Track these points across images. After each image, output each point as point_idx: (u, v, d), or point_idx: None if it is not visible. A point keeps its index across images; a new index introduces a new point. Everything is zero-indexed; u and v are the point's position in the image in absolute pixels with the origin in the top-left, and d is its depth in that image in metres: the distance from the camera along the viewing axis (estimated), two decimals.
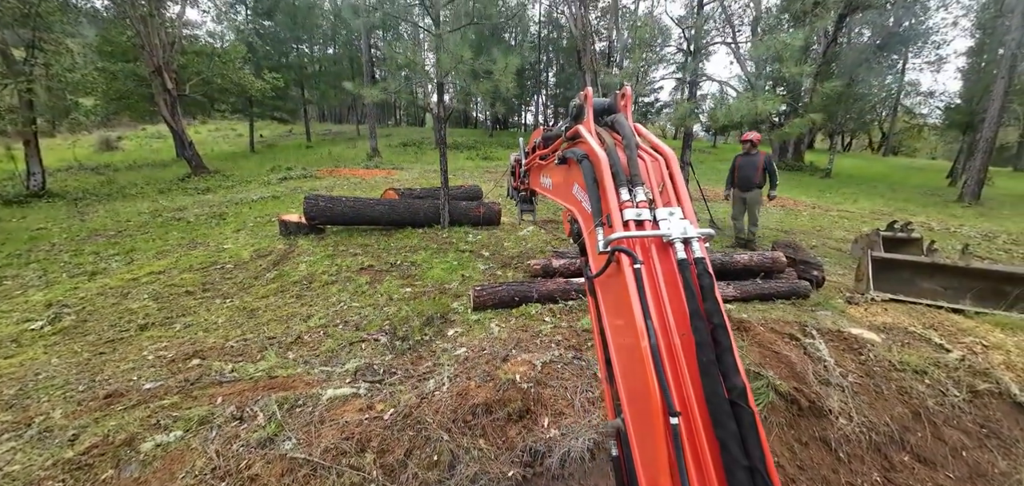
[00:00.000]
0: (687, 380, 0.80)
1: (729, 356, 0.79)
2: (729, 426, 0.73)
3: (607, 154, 1.03)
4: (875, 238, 5.69)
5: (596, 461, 2.16)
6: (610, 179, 0.99)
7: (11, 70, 8.72)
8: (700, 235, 0.89)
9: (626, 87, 1.20)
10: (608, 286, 0.99)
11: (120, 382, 2.74)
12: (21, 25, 8.45)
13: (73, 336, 3.58)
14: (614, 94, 1.22)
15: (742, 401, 0.75)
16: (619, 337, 0.95)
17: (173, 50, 13.43)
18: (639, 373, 0.81)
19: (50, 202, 9.56)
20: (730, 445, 0.72)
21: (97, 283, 4.85)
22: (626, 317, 0.87)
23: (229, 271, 5.28)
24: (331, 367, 2.83)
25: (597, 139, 1.11)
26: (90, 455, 2.05)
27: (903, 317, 3.71)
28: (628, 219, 0.93)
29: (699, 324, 0.81)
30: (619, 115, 1.18)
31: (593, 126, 1.18)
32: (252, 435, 2.11)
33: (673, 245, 0.89)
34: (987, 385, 2.77)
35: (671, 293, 0.87)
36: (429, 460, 1.99)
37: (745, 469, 0.70)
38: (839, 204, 11.21)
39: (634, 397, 0.87)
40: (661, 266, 0.90)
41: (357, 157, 19.30)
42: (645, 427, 0.81)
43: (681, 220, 0.92)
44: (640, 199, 0.95)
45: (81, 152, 19.76)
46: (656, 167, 1.03)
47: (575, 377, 2.56)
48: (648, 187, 0.97)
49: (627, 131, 1.09)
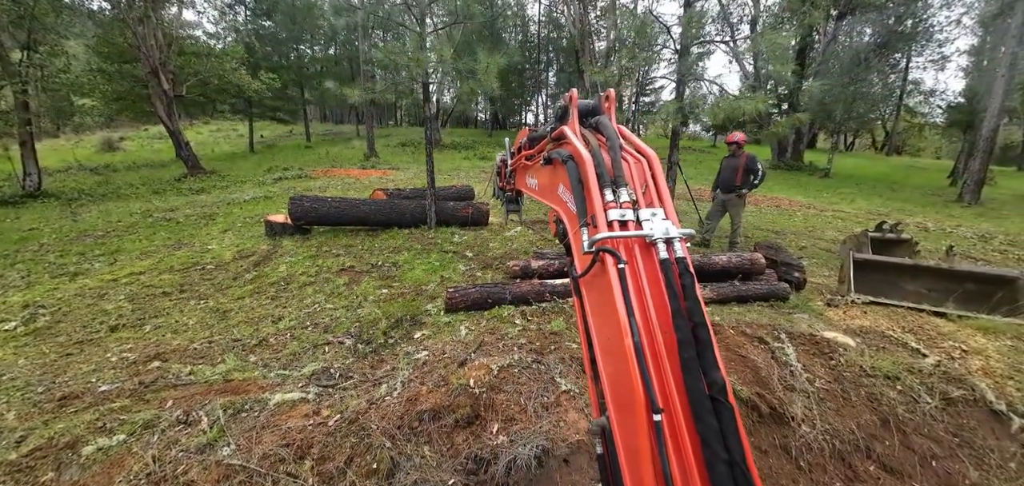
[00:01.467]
0: (669, 377, 0.82)
1: (709, 353, 0.81)
2: (709, 422, 0.76)
3: (592, 155, 1.04)
4: (863, 239, 5.58)
5: (544, 468, 2.12)
6: (595, 180, 1.00)
7: (6, 72, 8.80)
8: (682, 235, 0.92)
9: (610, 90, 1.22)
10: (593, 285, 1.01)
11: (78, 384, 2.72)
12: (16, 26, 8.55)
13: (44, 337, 3.58)
14: (598, 96, 1.24)
15: (722, 397, 0.77)
16: (603, 335, 0.97)
17: (170, 51, 13.51)
18: (623, 371, 0.83)
19: (45, 203, 9.64)
20: (711, 440, 0.74)
21: (77, 284, 4.86)
22: (610, 316, 0.89)
23: (209, 272, 5.28)
24: (289, 370, 2.80)
25: (582, 140, 1.13)
26: (33, 457, 2.03)
27: (882, 320, 3.63)
28: (612, 219, 0.95)
29: (680, 322, 0.83)
30: (603, 117, 1.19)
31: (578, 127, 1.20)
32: (193, 440, 2.08)
33: (656, 245, 0.91)
34: (962, 392, 2.70)
35: (654, 292, 0.89)
36: (368, 468, 1.95)
37: (725, 463, 0.73)
38: (835, 204, 11.08)
39: (618, 395, 0.89)
40: (644, 266, 0.91)
41: (354, 157, 19.34)
42: (629, 424, 0.83)
43: (663, 220, 0.93)
44: (624, 200, 0.97)
45: (83, 153, 19.94)
46: (639, 168, 1.05)
47: (532, 382, 2.52)
48: (632, 188, 0.99)
49: (611, 133, 1.11)
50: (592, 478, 2.16)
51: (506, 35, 29.45)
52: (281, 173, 14.79)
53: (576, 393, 2.49)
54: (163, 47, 13.08)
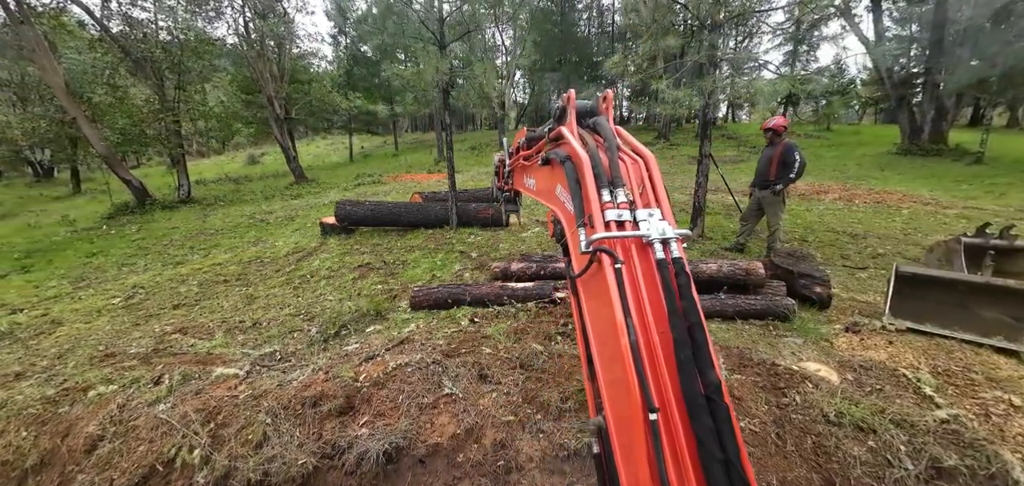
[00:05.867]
0: (665, 376, 0.83)
1: (705, 353, 0.82)
2: (705, 421, 0.77)
3: (590, 156, 1.06)
4: (954, 246, 4.27)
5: (395, 465, 2.20)
6: (592, 180, 1.02)
7: (164, 106, 11.84)
8: (678, 235, 0.93)
9: (608, 91, 1.23)
10: (590, 285, 1.03)
11: (122, 346, 3.63)
12: (172, 70, 11.48)
13: (131, 310, 4.79)
14: (596, 97, 1.26)
15: (717, 396, 0.79)
16: (600, 335, 0.99)
17: (282, 82, 16.41)
18: (619, 370, 0.84)
19: (190, 207, 12.62)
20: (706, 440, 0.76)
21: (174, 271, 6.33)
22: (607, 315, 0.90)
23: (264, 265, 6.38)
24: (250, 350, 3.34)
25: (579, 141, 1.14)
26: (60, 394, 2.82)
27: (908, 354, 2.80)
28: (609, 220, 0.96)
29: (677, 322, 0.85)
30: (601, 118, 1.21)
31: (576, 128, 1.21)
32: (150, 396, 2.66)
33: (652, 245, 0.92)
34: (967, 462, 1.99)
35: (650, 292, 0.90)
36: (246, 438, 2.28)
37: (720, 462, 0.74)
38: (973, 199, 8.47)
39: (614, 394, 0.90)
40: (641, 266, 0.93)
41: (427, 162, 21.00)
42: (625, 423, 0.84)
43: (660, 221, 0.95)
44: (621, 200, 0.98)
45: (232, 166, 25.29)
46: (636, 169, 1.07)
47: (421, 382, 2.60)
48: (629, 188, 1.01)
49: (608, 133, 1.13)
50: (445, 483, 2.18)
51: (577, 29, 28.78)
52: (362, 179, 16.85)
53: (458, 397, 2.50)
54: (276, 78, 15.95)
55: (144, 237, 9.34)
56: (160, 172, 18.75)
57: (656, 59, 8.35)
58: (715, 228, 6.68)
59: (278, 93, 16.02)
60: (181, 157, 12.70)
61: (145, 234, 9.64)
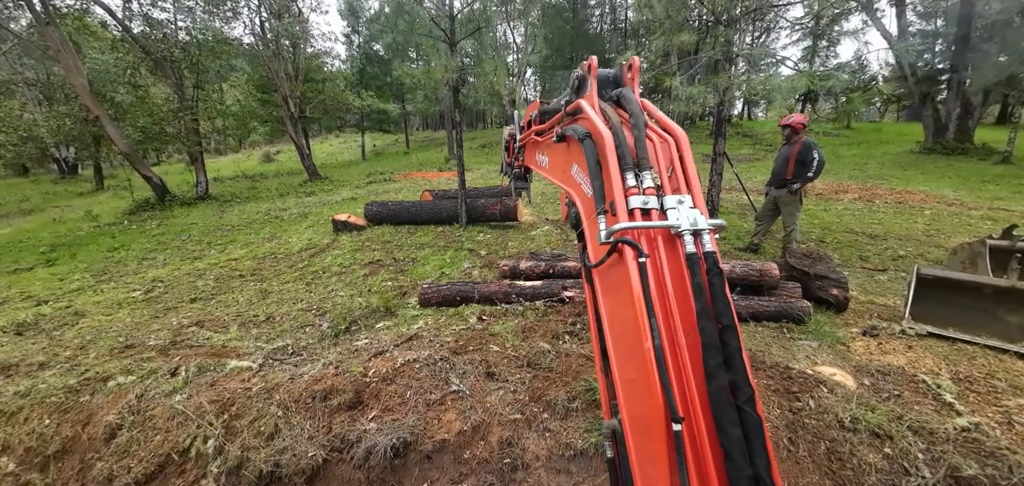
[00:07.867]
0: (692, 383, 0.75)
1: (738, 359, 0.75)
2: (734, 434, 0.70)
3: (613, 133, 0.94)
4: (979, 249, 4.12)
5: (403, 460, 2.22)
6: (615, 162, 0.90)
7: (183, 105, 12.14)
8: (711, 227, 0.83)
9: (634, 58, 1.08)
10: (608, 277, 0.92)
11: (141, 337, 3.74)
12: (191, 70, 11.78)
13: (151, 303, 4.93)
14: (620, 65, 1.12)
15: (749, 407, 0.72)
16: (617, 331, 0.90)
17: (297, 81, 16.66)
18: (640, 375, 0.77)
19: (208, 203, 12.92)
20: (735, 454, 0.69)
21: (192, 265, 6.49)
22: (627, 314, 0.81)
23: (278, 261, 6.49)
24: (263, 344, 3.40)
25: (601, 116, 1.02)
26: (82, 383, 2.91)
27: (928, 359, 2.72)
28: (634, 207, 0.86)
29: (707, 325, 0.76)
30: (626, 89, 1.07)
31: (597, 101, 1.08)
32: (167, 387, 2.73)
33: (681, 237, 0.82)
34: (991, 472, 1.92)
35: (677, 289, 0.81)
36: (258, 429, 2.32)
37: (750, 480, 0.68)
38: (1000, 200, 8.16)
39: (634, 400, 0.82)
40: (667, 260, 0.83)
41: (438, 160, 21.11)
42: (645, 431, 0.77)
43: (691, 209, 0.85)
44: (647, 185, 0.87)
45: (248, 164, 25.81)
46: (665, 149, 0.95)
47: (428, 378, 2.62)
48: (656, 172, 0.89)
49: (635, 107, 0.99)
50: (451, 479, 2.19)
51: (589, 26, 28.58)
52: (374, 177, 17.01)
53: (466, 394, 2.51)
54: (291, 77, 16.20)
55: (163, 232, 9.60)
56: (179, 169, 19.27)
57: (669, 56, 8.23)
58: (729, 228, 6.57)
59: (293, 92, 16.28)
60: (199, 155, 13.02)
61: (164, 229, 9.90)
